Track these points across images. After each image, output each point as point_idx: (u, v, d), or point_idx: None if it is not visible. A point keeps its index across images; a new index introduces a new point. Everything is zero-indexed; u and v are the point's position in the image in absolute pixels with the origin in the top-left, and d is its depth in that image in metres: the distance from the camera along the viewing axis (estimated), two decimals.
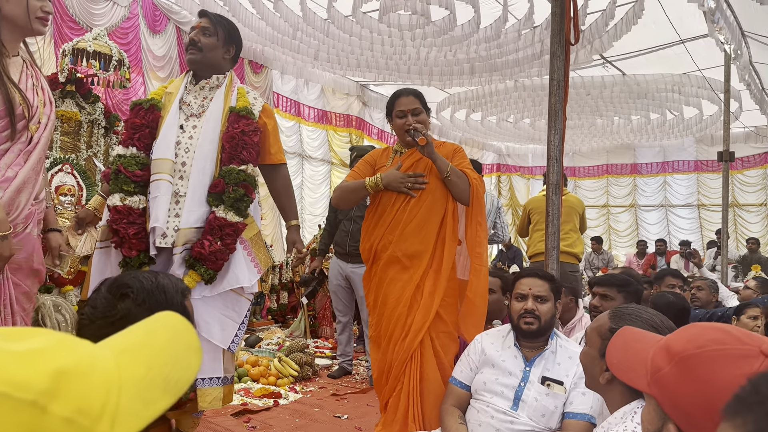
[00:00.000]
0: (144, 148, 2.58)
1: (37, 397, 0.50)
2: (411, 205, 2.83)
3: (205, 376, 2.54)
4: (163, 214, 2.46)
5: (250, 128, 2.61)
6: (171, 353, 0.65)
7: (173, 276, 1.39)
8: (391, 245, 2.83)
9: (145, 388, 0.59)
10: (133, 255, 2.49)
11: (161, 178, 2.50)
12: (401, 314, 2.79)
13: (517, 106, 9.96)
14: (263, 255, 2.74)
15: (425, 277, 2.81)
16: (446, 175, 2.79)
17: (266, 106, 2.78)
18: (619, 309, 1.69)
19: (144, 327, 0.68)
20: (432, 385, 2.71)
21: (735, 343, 0.94)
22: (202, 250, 2.47)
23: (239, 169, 2.57)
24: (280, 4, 5.97)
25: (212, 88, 2.67)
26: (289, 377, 4.59)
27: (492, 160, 15.84)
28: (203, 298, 2.53)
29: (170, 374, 0.62)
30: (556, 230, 3.26)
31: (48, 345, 0.54)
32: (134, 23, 6.78)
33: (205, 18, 2.70)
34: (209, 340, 2.52)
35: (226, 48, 2.73)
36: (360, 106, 10.70)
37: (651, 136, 11.71)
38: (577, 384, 2.33)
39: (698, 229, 13.85)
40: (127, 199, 2.51)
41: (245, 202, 2.58)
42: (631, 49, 8.01)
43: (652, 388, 1.02)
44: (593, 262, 11.10)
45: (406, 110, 2.90)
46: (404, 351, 2.75)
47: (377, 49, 6.98)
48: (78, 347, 0.57)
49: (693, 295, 4.31)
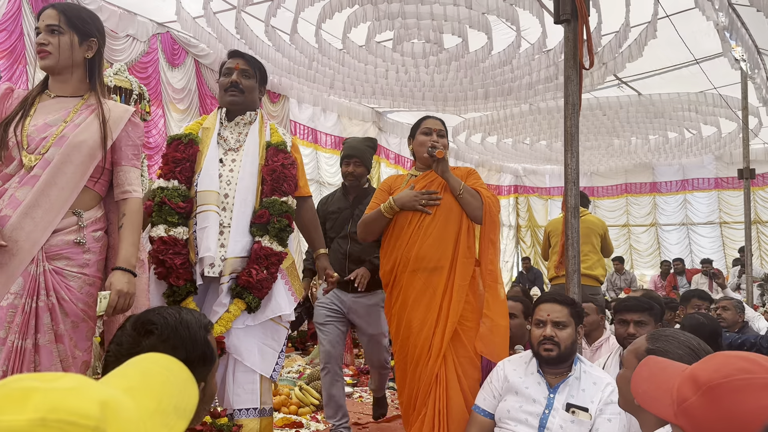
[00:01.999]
0: (185, 181, 2.66)
1: (98, 423, 0.56)
2: (426, 223, 2.86)
3: (242, 407, 2.57)
4: (214, 244, 2.54)
5: (288, 161, 2.72)
6: (173, 386, 0.75)
7: (196, 311, 1.41)
8: (410, 263, 2.85)
9: (164, 416, 0.68)
10: (180, 284, 2.56)
11: (209, 209, 2.58)
12: (426, 337, 2.78)
13: (533, 129, 9.97)
14: (298, 284, 2.82)
15: (444, 296, 2.81)
16: (459, 192, 2.85)
17: (295, 141, 2.89)
18: (657, 332, 1.69)
19: (136, 368, 0.77)
20: (456, 410, 2.69)
21: (762, 372, 0.93)
22: (249, 279, 2.54)
23: (281, 201, 2.66)
24: (296, 37, 6.07)
25: (246, 123, 2.76)
26: (310, 406, 4.57)
27: (509, 182, 15.82)
28: (245, 327, 2.59)
29: (179, 403, 0.73)
30: (576, 253, 3.25)
31: (78, 384, 0.60)
32: (153, 57, 6.92)
33: (242, 59, 2.79)
34: (246, 370, 2.57)
35: (261, 88, 2.86)
36: (376, 132, 10.77)
37: (669, 155, 11.63)
38: (603, 410, 2.30)
39: (721, 248, 13.65)
40: (171, 230, 2.57)
41: (288, 232, 2.67)
42: (646, 70, 8.01)
43: (679, 418, 1.01)
44: (615, 283, 10.96)
45: (432, 128, 2.99)
46: (428, 374, 2.74)
47: (392, 77, 7.06)
48: (97, 386, 0.64)
49: (719, 315, 4.25)
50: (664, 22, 6.37)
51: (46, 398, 0.55)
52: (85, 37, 2.20)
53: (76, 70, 2.22)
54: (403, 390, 2.91)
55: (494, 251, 2.89)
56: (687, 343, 1.61)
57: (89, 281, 2.14)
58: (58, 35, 2.15)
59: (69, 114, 2.16)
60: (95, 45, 2.24)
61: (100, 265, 2.20)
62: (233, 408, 2.56)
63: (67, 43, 2.16)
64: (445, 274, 2.83)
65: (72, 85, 2.23)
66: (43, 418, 0.54)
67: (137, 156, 2.31)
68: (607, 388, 2.34)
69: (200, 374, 1.31)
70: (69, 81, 2.22)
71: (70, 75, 2.22)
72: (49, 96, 2.22)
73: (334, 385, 3.69)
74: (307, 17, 5.73)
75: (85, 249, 2.13)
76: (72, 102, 2.21)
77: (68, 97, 2.22)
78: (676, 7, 6.03)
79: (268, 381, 2.67)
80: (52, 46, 2.15)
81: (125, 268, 2.13)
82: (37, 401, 0.55)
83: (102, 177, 2.22)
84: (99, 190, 2.23)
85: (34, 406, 0.54)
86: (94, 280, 2.16)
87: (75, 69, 2.22)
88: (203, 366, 1.32)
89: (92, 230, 2.17)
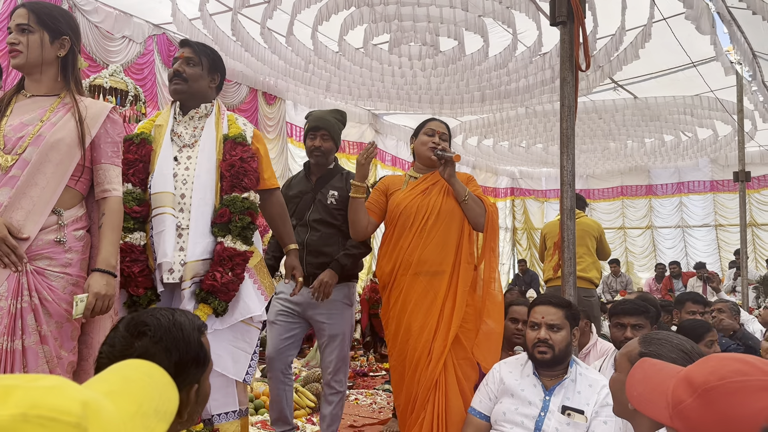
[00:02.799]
0: (139, 183, 2.53)
1: (79, 420, 0.57)
2: (429, 227, 2.87)
3: (220, 411, 2.49)
4: (171, 249, 2.42)
5: (248, 155, 2.57)
6: (153, 390, 0.77)
7: (190, 313, 1.40)
8: (412, 267, 2.84)
9: (144, 419, 0.70)
10: (140, 293, 2.44)
11: (165, 212, 2.46)
12: (426, 341, 2.78)
13: (529, 132, 9.98)
14: (267, 282, 2.69)
15: (446, 301, 2.81)
16: (464, 198, 2.84)
17: (256, 131, 2.72)
18: (650, 335, 1.69)
19: (117, 374, 0.79)
20: (455, 413, 2.69)
21: (758, 374, 0.93)
22: (214, 282, 2.42)
23: (242, 197, 2.52)
24: (292, 39, 6.06)
25: (201, 117, 2.62)
26: (306, 408, 4.56)
27: (506, 185, 15.84)
28: (214, 332, 2.45)
29: (159, 406, 0.75)
30: (571, 255, 3.25)
31: (59, 384, 0.61)
32: (149, 59, 6.91)
33: (188, 48, 2.64)
34: (222, 374, 2.46)
35: (211, 77, 2.68)
36: (373, 134, 10.77)
37: (665, 158, 11.66)
38: (598, 413, 2.30)
39: (716, 251, 13.69)
40: (127, 236, 2.44)
41: (251, 229, 2.54)
42: (642, 73, 8.03)
43: (675, 420, 1.01)
44: (611, 285, 10.98)
45: (436, 130, 2.98)
46: (428, 378, 2.73)
47: (388, 80, 7.06)
48: (78, 386, 0.65)
49: (714, 318, 4.25)
50: (661, 25, 6.39)
51: (27, 395, 0.56)
52: (56, 36, 2.17)
53: (47, 68, 2.19)
54: (400, 393, 2.90)
55: (494, 259, 2.91)
56: (680, 347, 1.61)
57: (72, 281, 2.11)
58: (27, 34, 2.13)
59: (45, 113, 2.14)
60: (68, 43, 2.21)
61: (84, 265, 2.17)
62: (211, 414, 2.45)
63: (37, 42, 2.14)
64: (446, 278, 2.83)
65: (45, 83, 2.20)
66: (24, 413, 0.54)
67: (117, 154, 2.26)
68: (602, 390, 2.34)
69: (194, 376, 1.31)
70: (41, 80, 2.20)
71: (41, 74, 2.19)
72: (25, 96, 2.20)
73: (276, 389, 3.34)
74: (303, 19, 5.73)
75: (66, 248, 2.10)
76: (49, 101, 2.18)
77: (44, 96, 2.20)
78: (673, 10, 6.04)
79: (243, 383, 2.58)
80: (22, 45, 2.13)
81: (104, 269, 2.10)
82: (18, 398, 0.55)
83: (83, 175, 2.19)
84: (80, 189, 2.20)
85: (15, 402, 0.55)
86: (78, 280, 2.12)
87: (46, 67, 2.19)
88: (197, 368, 1.31)
89: (73, 229, 2.14)
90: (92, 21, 6.25)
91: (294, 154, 9.39)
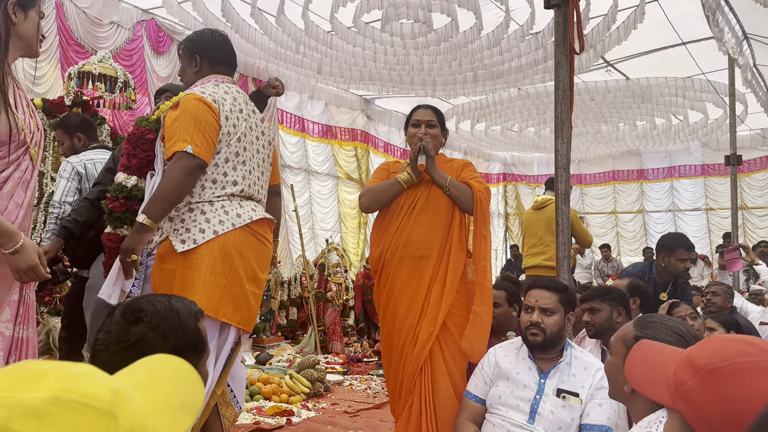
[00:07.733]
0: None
1: (110, 407, 0.57)
2: (417, 211, 2.86)
3: None
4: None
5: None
6: (180, 384, 0.78)
7: (186, 299, 1.38)
8: (398, 251, 2.83)
9: (172, 412, 0.71)
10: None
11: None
12: (411, 325, 2.78)
13: (521, 115, 9.96)
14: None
15: (432, 286, 2.80)
16: (446, 189, 2.83)
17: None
18: (644, 317, 1.69)
19: (144, 367, 0.79)
20: (444, 396, 2.68)
21: (761, 354, 0.92)
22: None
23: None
24: (282, 18, 5.99)
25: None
26: (301, 394, 4.57)
27: (498, 170, 15.85)
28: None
29: (185, 401, 0.75)
30: (566, 239, 3.24)
31: (90, 371, 0.62)
32: (138, 45, 6.83)
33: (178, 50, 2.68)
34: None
35: (191, 60, 2.61)
36: (365, 120, 10.72)
37: (657, 141, 11.67)
38: (593, 395, 2.31)
39: (707, 234, 13.76)
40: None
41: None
42: (634, 52, 8.00)
43: (677, 402, 1.01)
44: (603, 270, 11.01)
45: (421, 120, 2.96)
46: (413, 362, 2.73)
47: (380, 59, 6.99)
48: (108, 376, 0.66)
49: (708, 300, 4.28)
50: (653, 6, 6.37)
51: (59, 380, 0.57)
52: None
53: None
54: (389, 377, 2.91)
55: (486, 247, 2.88)
56: (675, 329, 1.61)
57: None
58: None
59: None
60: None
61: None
62: None
63: None
64: (432, 262, 2.82)
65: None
66: (56, 397, 0.55)
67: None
68: (597, 373, 2.34)
69: (191, 362, 1.29)
70: None
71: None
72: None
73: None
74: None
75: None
76: None
77: None
78: None
79: None
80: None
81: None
82: (51, 382, 0.56)
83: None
84: None
85: (48, 386, 0.56)
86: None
87: None
88: (194, 354, 1.30)
89: None
90: (80, 6, 6.17)
91: (285, 140, 9.34)
